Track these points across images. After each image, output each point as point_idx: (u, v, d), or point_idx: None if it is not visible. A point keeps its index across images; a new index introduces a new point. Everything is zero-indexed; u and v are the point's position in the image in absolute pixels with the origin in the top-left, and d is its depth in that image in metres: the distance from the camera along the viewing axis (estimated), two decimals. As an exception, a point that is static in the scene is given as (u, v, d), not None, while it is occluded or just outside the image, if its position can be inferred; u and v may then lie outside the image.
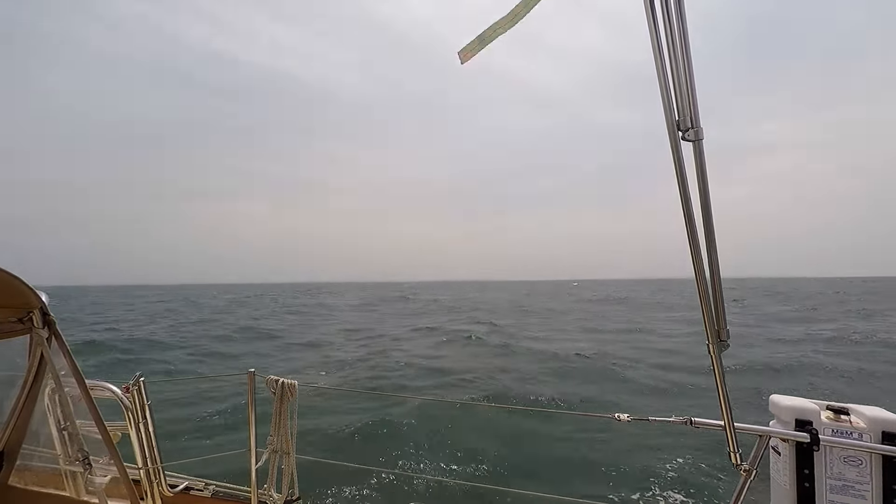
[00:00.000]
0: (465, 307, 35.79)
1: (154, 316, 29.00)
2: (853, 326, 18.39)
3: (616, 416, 1.71)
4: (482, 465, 5.52)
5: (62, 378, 1.85)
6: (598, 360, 11.87)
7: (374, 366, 11.35)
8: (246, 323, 23.71)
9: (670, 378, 9.97)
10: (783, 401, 1.55)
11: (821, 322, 20.89)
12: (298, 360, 13.02)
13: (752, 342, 14.86)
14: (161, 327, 21.67)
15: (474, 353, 13.22)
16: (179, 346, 15.48)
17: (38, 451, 2.04)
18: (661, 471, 5.29)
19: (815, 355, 12.22)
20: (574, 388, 9.08)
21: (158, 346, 15.30)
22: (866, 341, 14.53)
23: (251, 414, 2.38)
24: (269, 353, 14.56)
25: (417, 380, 9.88)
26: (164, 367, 11.77)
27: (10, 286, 1.61)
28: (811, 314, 25.37)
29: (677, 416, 1.58)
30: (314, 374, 10.89)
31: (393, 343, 15.72)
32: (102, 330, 20.34)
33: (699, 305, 1.27)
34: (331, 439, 6.24)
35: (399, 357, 12.37)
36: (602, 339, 16.37)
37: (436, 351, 13.80)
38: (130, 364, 12.15)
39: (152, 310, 35.27)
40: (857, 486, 1.43)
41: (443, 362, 11.69)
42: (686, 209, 1.19)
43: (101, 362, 12.31)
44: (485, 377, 9.73)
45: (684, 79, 1.11)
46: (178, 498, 2.52)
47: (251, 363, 12.02)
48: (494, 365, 11.19)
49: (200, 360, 13.12)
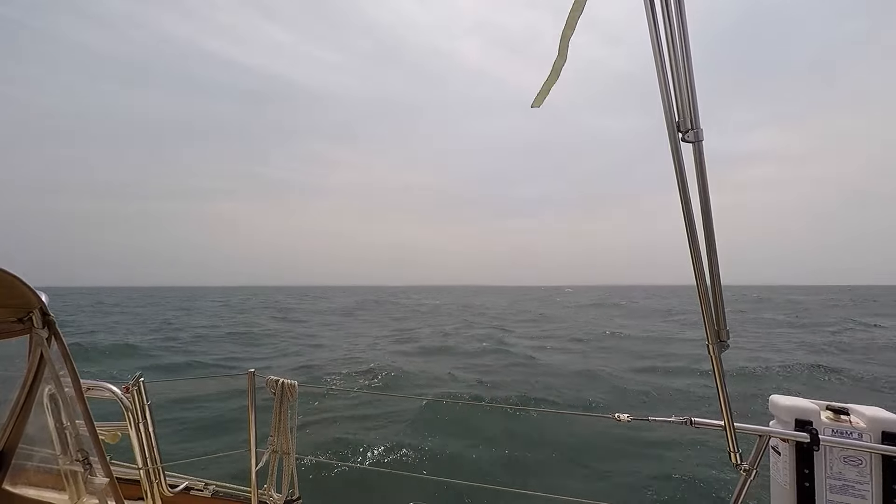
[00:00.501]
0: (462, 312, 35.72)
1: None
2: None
3: (616, 416, 1.71)
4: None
5: (62, 378, 1.84)
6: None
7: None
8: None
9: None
10: (783, 401, 1.56)
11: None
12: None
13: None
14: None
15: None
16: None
17: (37, 451, 2.03)
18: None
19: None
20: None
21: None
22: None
23: (251, 414, 2.38)
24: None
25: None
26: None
27: (10, 286, 1.60)
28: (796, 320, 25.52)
29: (677, 416, 1.58)
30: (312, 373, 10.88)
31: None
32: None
33: (699, 307, 1.27)
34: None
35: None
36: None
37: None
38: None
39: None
40: (857, 486, 1.43)
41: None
42: (686, 211, 1.19)
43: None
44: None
45: (684, 80, 1.11)
46: (178, 498, 2.52)
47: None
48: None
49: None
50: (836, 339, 16.55)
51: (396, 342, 16.87)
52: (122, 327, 22.30)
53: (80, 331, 20.19)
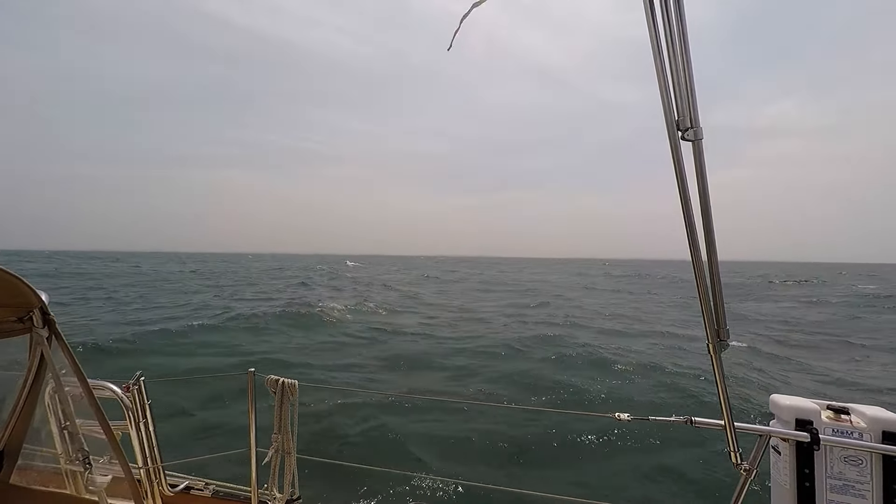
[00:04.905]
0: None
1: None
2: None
3: (616, 416, 1.71)
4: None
5: (62, 377, 1.85)
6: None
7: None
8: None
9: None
10: (783, 400, 1.56)
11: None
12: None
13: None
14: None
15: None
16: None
17: (38, 450, 2.04)
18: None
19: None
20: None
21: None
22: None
23: (251, 414, 2.38)
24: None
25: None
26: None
27: (10, 285, 1.61)
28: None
29: (677, 415, 1.59)
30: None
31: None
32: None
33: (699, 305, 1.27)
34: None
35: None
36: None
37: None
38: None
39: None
40: (857, 486, 1.43)
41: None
42: (685, 209, 1.19)
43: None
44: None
45: (684, 79, 1.12)
46: (179, 498, 2.53)
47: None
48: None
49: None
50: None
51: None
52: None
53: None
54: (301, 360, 10.70)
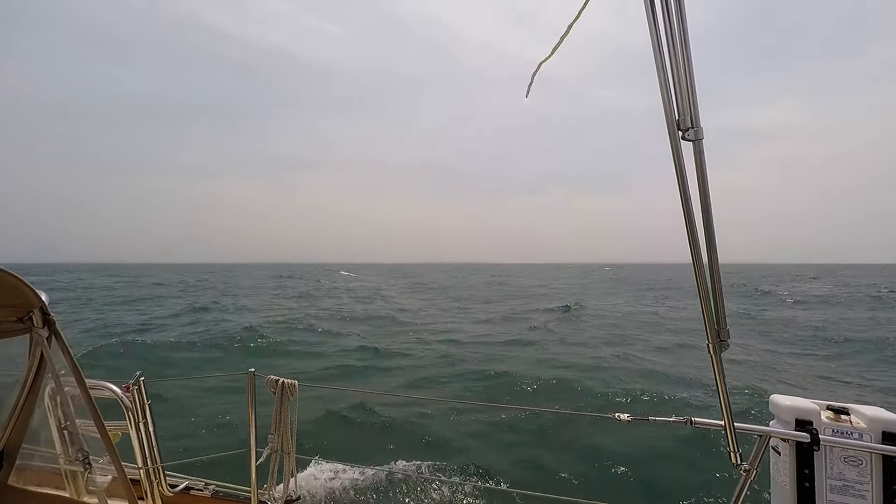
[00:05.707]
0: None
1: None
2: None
3: (616, 416, 1.71)
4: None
5: (62, 378, 1.85)
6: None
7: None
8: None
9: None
10: (783, 401, 1.55)
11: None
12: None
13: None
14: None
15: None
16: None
17: (38, 450, 2.04)
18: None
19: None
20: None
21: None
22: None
23: (251, 414, 2.38)
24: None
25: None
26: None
27: (10, 286, 1.61)
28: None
29: (677, 416, 1.59)
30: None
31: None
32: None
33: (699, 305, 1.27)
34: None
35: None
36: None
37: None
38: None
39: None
40: (857, 486, 1.43)
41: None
42: (686, 209, 1.19)
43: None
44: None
45: (684, 79, 1.11)
46: (178, 498, 2.53)
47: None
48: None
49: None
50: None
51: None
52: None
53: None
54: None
